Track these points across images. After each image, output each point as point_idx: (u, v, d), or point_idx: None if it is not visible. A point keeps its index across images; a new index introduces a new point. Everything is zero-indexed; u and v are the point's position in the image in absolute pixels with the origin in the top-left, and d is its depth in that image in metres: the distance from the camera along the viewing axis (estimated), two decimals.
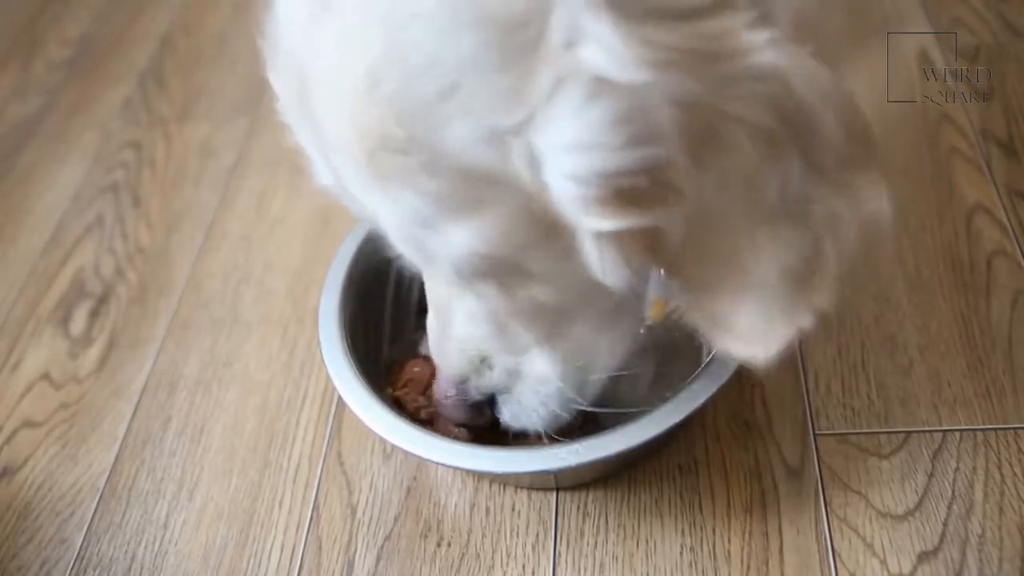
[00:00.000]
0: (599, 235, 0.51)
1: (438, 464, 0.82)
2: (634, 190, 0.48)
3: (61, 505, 0.89)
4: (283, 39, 0.56)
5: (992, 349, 0.87)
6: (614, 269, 0.52)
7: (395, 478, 0.86)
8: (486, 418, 0.77)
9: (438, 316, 0.74)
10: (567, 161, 0.48)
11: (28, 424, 0.97)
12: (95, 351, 1.03)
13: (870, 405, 0.85)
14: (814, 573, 0.75)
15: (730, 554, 0.77)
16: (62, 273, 1.13)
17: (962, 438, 0.81)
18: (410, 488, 0.85)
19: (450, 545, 0.81)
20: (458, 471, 0.85)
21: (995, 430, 0.81)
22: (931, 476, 0.79)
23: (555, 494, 0.83)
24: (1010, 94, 1.12)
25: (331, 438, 0.90)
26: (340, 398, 0.79)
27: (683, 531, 0.79)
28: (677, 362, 0.83)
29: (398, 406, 0.81)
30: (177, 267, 1.10)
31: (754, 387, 0.87)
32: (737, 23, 0.47)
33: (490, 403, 0.76)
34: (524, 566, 0.79)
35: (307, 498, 0.86)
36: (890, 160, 1.02)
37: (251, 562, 0.82)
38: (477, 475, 0.84)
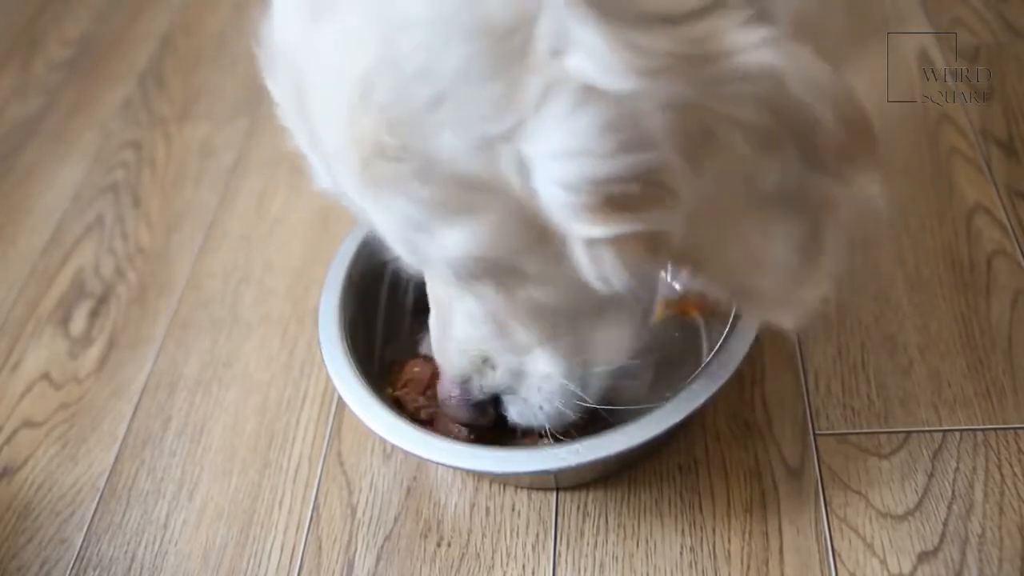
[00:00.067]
0: (592, 241, 0.51)
1: (438, 464, 0.82)
2: (626, 196, 0.48)
3: (61, 505, 0.89)
4: (280, 45, 0.56)
5: (992, 349, 0.87)
6: (613, 273, 0.52)
7: (395, 478, 0.86)
8: (489, 418, 0.77)
9: (439, 317, 0.74)
10: (556, 168, 0.48)
11: (28, 424, 0.97)
12: (95, 351, 1.03)
13: (870, 405, 0.85)
14: (814, 573, 0.75)
15: (730, 554, 0.77)
16: (62, 273, 1.13)
17: (962, 438, 0.81)
18: (410, 488, 0.85)
19: (450, 545, 0.81)
20: (458, 471, 0.85)
21: (995, 430, 0.81)
22: (931, 476, 0.79)
23: (555, 494, 0.83)
24: (1010, 94, 1.12)
25: (331, 438, 0.90)
26: (340, 398, 0.80)
27: (683, 531, 0.79)
28: (677, 362, 0.83)
29: (398, 406, 0.81)
30: (177, 267, 1.11)
31: (754, 387, 0.87)
32: (728, 23, 0.47)
33: (494, 402, 0.76)
34: (524, 566, 0.79)
35: (307, 498, 0.86)
36: (890, 160, 1.02)
37: (251, 562, 0.83)
38: (477, 475, 0.84)
